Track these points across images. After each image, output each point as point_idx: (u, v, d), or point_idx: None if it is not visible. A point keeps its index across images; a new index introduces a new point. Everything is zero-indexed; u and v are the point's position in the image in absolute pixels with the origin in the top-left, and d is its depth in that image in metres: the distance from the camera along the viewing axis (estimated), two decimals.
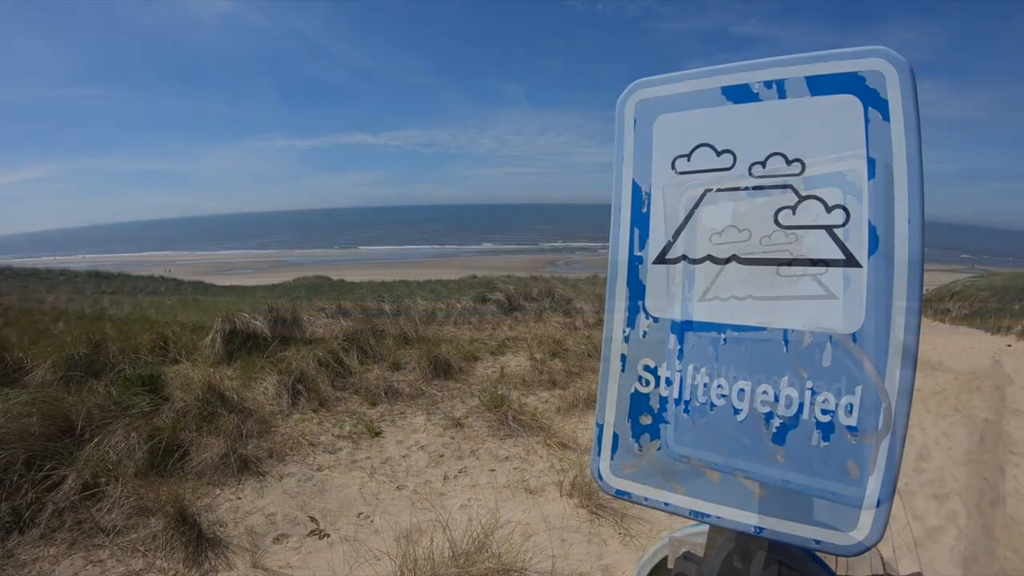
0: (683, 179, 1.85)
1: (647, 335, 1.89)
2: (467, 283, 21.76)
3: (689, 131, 1.85)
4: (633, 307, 1.92)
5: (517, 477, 5.48)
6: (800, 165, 1.67)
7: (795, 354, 1.65)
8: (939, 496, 5.98)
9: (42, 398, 5.36)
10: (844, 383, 1.58)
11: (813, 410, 1.62)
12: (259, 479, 5.21)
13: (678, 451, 1.84)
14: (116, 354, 7.22)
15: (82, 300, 29.06)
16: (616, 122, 1.98)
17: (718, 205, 1.79)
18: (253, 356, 7.84)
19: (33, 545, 4.15)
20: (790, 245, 1.68)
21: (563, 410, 7.27)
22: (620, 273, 1.95)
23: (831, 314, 1.62)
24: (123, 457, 4.99)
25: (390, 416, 6.85)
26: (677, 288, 1.85)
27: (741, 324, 1.74)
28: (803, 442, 1.64)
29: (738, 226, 1.76)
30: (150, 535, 4.19)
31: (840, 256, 1.61)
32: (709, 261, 1.80)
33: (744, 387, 1.72)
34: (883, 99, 1.58)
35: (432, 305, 12.11)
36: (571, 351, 10.15)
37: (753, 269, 1.74)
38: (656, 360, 1.87)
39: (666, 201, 1.88)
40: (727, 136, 1.79)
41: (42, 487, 4.54)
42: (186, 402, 5.93)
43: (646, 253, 1.90)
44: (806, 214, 1.66)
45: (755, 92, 1.75)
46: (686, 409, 1.81)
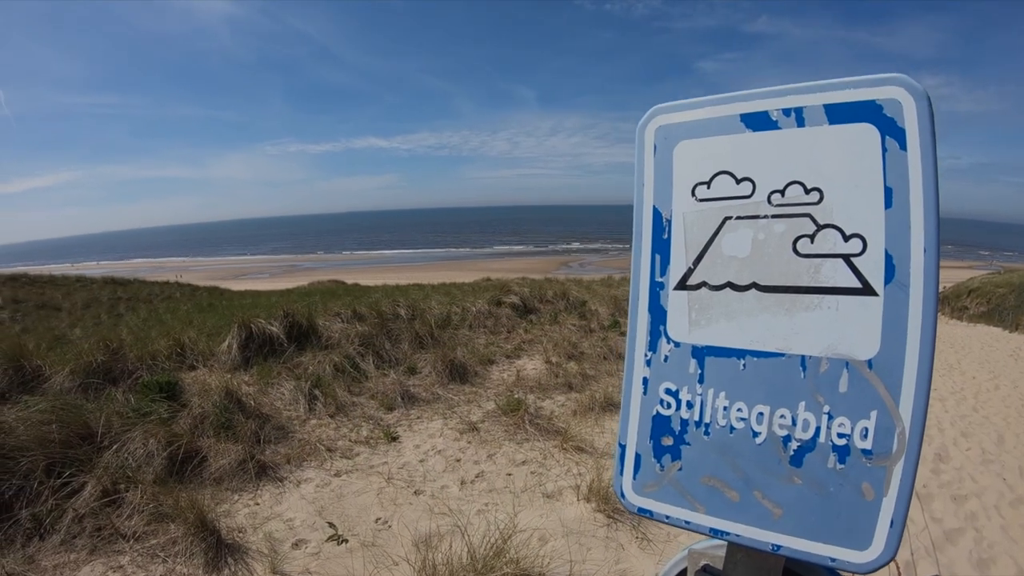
0: (703, 206, 1.89)
1: (668, 359, 1.94)
2: (481, 286, 21.77)
3: (709, 158, 1.89)
4: (654, 331, 1.98)
5: (534, 481, 5.47)
6: (818, 194, 1.71)
7: (812, 380, 1.69)
8: (957, 498, 5.95)
9: (61, 405, 5.39)
10: (860, 408, 1.62)
11: (830, 434, 1.66)
12: (277, 485, 5.23)
13: (699, 472, 1.89)
14: (134, 361, 7.26)
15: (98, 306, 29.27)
16: (636, 147, 2.02)
17: (738, 233, 1.83)
18: (269, 362, 7.88)
19: (54, 551, 4.17)
20: (808, 273, 1.72)
21: (579, 413, 7.26)
22: (641, 298, 2.01)
23: (848, 341, 1.65)
24: (142, 464, 5.03)
25: (406, 421, 6.86)
26: (698, 314, 1.90)
27: (760, 350, 1.78)
28: (820, 464, 1.68)
29: (758, 254, 1.80)
30: (170, 541, 4.21)
31: (857, 285, 1.65)
32: (729, 288, 1.85)
33: (763, 411, 1.76)
34: (900, 128, 1.60)
35: (447, 309, 12.11)
36: (587, 354, 10.16)
37: (772, 296, 1.78)
38: (677, 384, 1.91)
39: (687, 228, 1.93)
40: (746, 164, 1.82)
41: (62, 494, 4.56)
42: (204, 408, 5.95)
43: (667, 279, 1.96)
44: (824, 243, 1.69)
45: (774, 120, 1.78)
46: (706, 431, 1.86)
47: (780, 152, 1.77)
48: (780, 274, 1.76)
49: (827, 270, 1.68)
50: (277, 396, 6.92)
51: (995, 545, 5.11)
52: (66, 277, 40.96)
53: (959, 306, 28.58)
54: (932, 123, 1.57)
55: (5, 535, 4.24)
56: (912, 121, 1.59)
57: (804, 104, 1.73)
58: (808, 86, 1.73)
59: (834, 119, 1.68)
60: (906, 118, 1.60)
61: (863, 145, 1.64)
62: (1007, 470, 6.82)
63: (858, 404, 1.62)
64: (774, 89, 1.78)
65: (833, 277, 1.68)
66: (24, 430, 4.96)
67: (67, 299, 31.51)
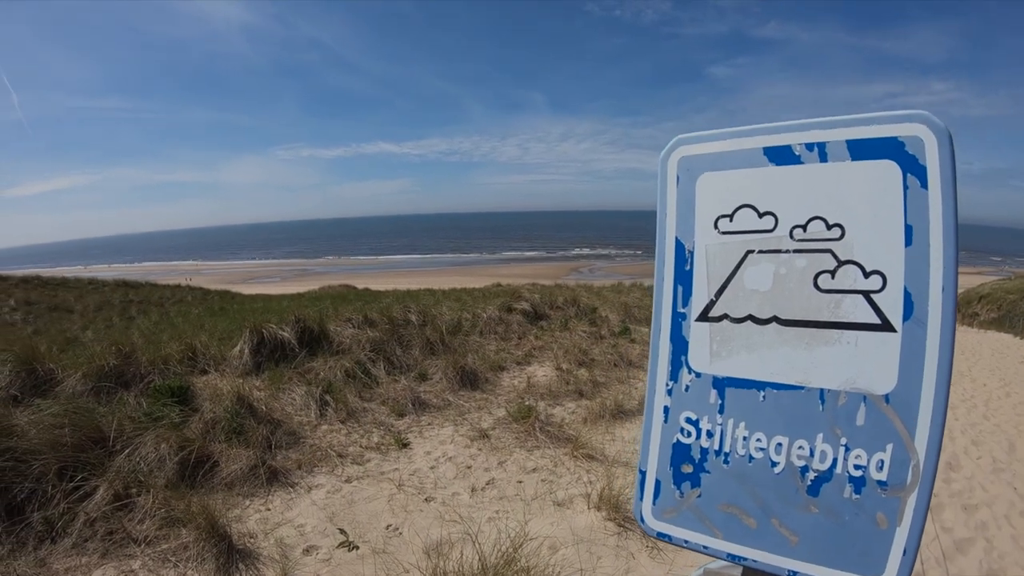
0: (726, 239, 1.95)
1: (689, 389, 2.01)
2: (492, 291, 21.78)
3: (732, 191, 1.94)
4: (676, 361, 2.04)
5: (545, 489, 5.47)
6: (840, 230, 1.75)
7: (831, 412, 1.75)
8: (968, 507, 5.92)
9: (73, 409, 5.40)
10: (876, 441, 1.69)
11: (846, 465, 1.73)
12: (288, 490, 5.24)
13: (717, 499, 1.96)
14: (146, 365, 7.28)
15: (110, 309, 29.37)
16: (659, 177, 2.08)
17: (760, 267, 1.89)
18: (281, 367, 7.88)
19: (65, 554, 4.18)
20: (829, 308, 1.77)
21: (590, 421, 7.26)
22: (664, 328, 2.07)
23: (866, 376, 1.70)
24: (153, 468, 5.03)
25: (417, 427, 6.87)
26: (719, 345, 1.96)
27: (780, 382, 1.84)
28: (836, 494, 1.75)
29: (779, 288, 1.86)
30: (181, 546, 4.22)
31: (876, 321, 1.70)
32: (751, 321, 1.91)
33: (781, 441, 1.84)
34: (921, 165, 1.64)
35: (458, 314, 12.11)
36: (597, 361, 10.16)
37: (793, 330, 1.83)
38: (698, 413, 1.99)
39: (709, 260, 1.98)
40: (769, 198, 1.87)
41: (74, 497, 4.57)
42: (215, 413, 5.96)
43: (689, 310, 2.02)
44: (845, 279, 1.74)
45: (797, 154, 1.82)
46: (726, 460, 1.94)
47: (803, 187, 1.81)
48: (801, 308, 1.82)
49: (847, 306, 1.74)
50: (288, 401, 6.92)
51: (1006, 555, 5.08)
52: (78, 279, 41.09)
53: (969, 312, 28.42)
54: (953, 161, 1.61)
55: (17, 538, 4.25)
56: (934, 159, 1.63)
57: (827, 139, 1.76)
58: (831, 121, 1.76)
59: (856, 155, 1.72)
60: (927, 156, 1.63)
61: (885, 182, 1.68)
62: (1018, 479, 6.78)
63: (875, 437, 1.69)
64: (797, 123, 1.82)
65: (853, 313, 1.73)
66: (36, 433, 4.97)
67: (79, 301, 31.62)
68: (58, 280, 39.50)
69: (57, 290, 35.49)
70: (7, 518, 4.37)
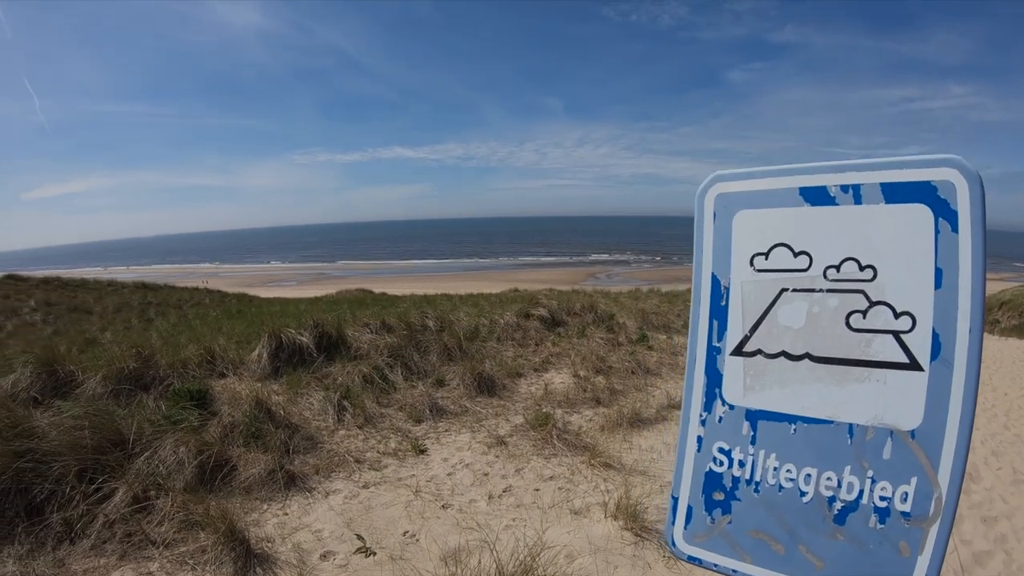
0: (761, 277, 2.03)
1: (723, 420, 2.10)
2: (509, 297, 21.76)
3: (767, 230, 2.02)
4: (710, 394, 2.12)
5: (561, 497, 5.45)
6: (872, 271, 1.83)
7: (858, 446, 1.84)
8: (988, 519, 5.86)
9: (93, 411, 5.43)
10: (901, 474, 1.77)
11: (872, 496, 1.81)
12: (306, 495, 5.24)
13: (747, 525, 2.06)
14: (165, 368, 7.31)
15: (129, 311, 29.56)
16: (696, 213, 2.16)
17: (794, 305, 1.97)
18: (299, 371, 7.90)
19: (84, 556, 4.21)
20: (859, 347, 1.85)
21: (607, 429, 7.22)
22: (699, 361, 2.15)
23: (893, 412, 1.79)
24: (172, 471, 5.06)
25: (435, 433, 6.87)
26: (753, 379, 2.04)
27: (811, 416, 1.92)
28: (861, 523, 1.83)
29: (812, 326, 1.94)
30: (199, 549, 4.23)
31: (905, 360, 1.77)
32: (784, 357, 1.98)
33: (811, 473, 1.92)
34: (953, 210, 1.71)
35: (475, 320, 12.09)
36: (615, 368, 10.12)
37: (824, 367, 1.91)
38: (730, 443, 2.08)
39: (744, 296, 2.07)
40: (804, 238, 1.95)
41: (93, 499, 4.60)
42: (234, 417, 5.99)
43: (724, 344, 2.10)
44: (876, 319, 1.82)
45: (832, 195, 1.89)
46: (756, 489, 2.02)
47: (837, 228, 1.88)
48: (832, 346, 1.89)
49: (877, 345, 1.81)
50: (306, 406, 6.94)
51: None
52: (98, 281, 41.36)
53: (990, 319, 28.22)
54: (983, 206, 1.68)
55: (36, 538, 4.29)
56: (964, 204, 1.70)
57: (862, 181, 1.83)
58: (866, 163, 1.83)
59: (890, 198, 1.79)
60: (959, 200, 1.70)
61: (917, 226, 1.75)
62: None
63: (900, 470, 1.77)
64: (833, 164, 1.89)
65: (883, 352, 1.81)
66: (57, 435, 5.01)
67: (98, 303, 31.84)
68: (78, 281, 39.79)
69: (77, 291, 35.76)
70: (27, 518, 4.41)
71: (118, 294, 36.48)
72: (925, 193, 1.74)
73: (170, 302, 33.88)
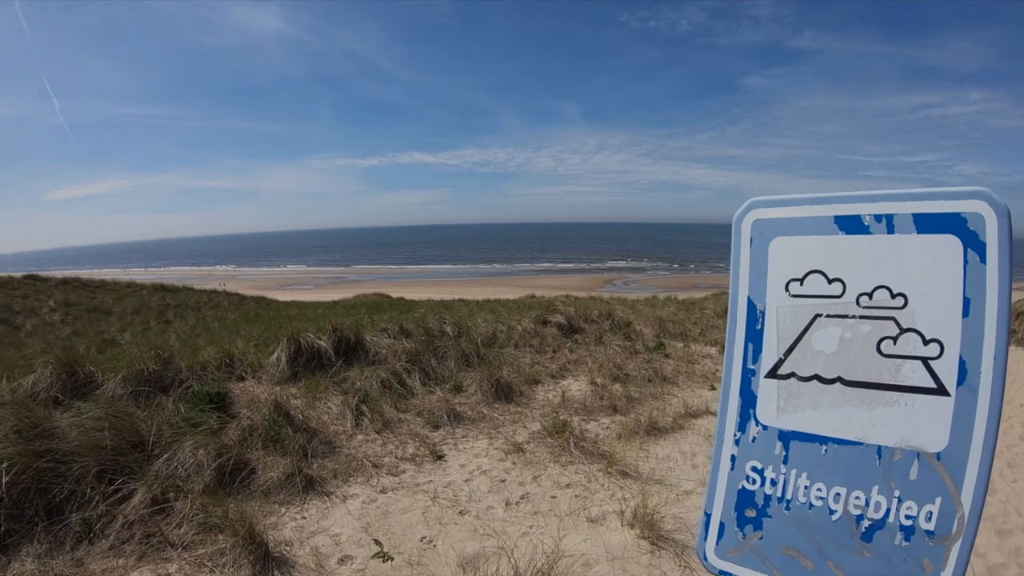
0: (796, 302, 2.12)
1: (756, 440, 2.18)
2: (526, 303, 21.78)
3: (802, 256, 2.10)
4: (744, 414, 2.21)
5: (578, 505, 5.43)
6: (903, 299, 1.91)
7: (886, 467, 1.92)
8: (1002, 531, 5.80)
9: (113, 412, 5.46)
10: (926, 494, 1.85)
11: (898, 515, 1.90)
12: (324, 499, 5.25)
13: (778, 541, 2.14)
14: (184, 370, 7.35)
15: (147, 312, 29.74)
16: (732, 238, 2.26)
17: (827, 330, 2.04)
18: (317, 376, 7.93)
19: (102, 556, 4.23)
20: (889, 372, 1.93)
21: (624, 437, 7.20)
22: (733, 382, 2.24)
23: (920, 435, 1.87)
24: (191, 473, 5.08)
25: (452, 439, 6.86)
26: (786, 401, 2.12)
27: (841, 438, 2.01)
28: (887, 541, 1.91)
29: (844, 351, 2.01)
30: (218, 551, 4.24)
31: (932, 385, 1.85)
32: (816, 380, 2.06)
33: (840, 492, 2.00)
34: (981, 242, 1.79)
35: (493, 327, 12.10)
36: (632, 376, 10.10)
37: (855, 391, 1.98)
38: (763, 463, 2.16)
39: (779, 321, 2.15)
40: (838, 265, 2.03)
41: (112, 500, 4.63)
42: (252, 420, 6.01)
43: (759, 367, 2.18)
44: (905, 345, 1.90)
45: (866, 224, 1.97)
46: (787, 507, 2.10)
47: (870, 256, 1.97)
48: (864, 371, 1.97)
49: (906, 370, 1.89)
50: (324, 410, 6.96)
51: None
52: (116, 282, 41.63)
53: None
54: (1011, 238, 1.76)
55: (55, 537, 4.32)
56: (992, 235, 1.78)
57: (895, 212, 1.92)
58: (899, 194, 1.92)
59: (922, 229, 1.87)
60: (987, 232, 1.78)
61: (947, 256, 1.83)
62: None
63: (925, 490, 1.85)
64: (867, 194, 1.98)
65: (911, 377, 1.89)
66: (77, 435, 5.05)
67: (117, 304, 32.05)
68: (96, 282, 40.03)
69: (96, 292, 35.99)
70: (46, 517, 4.45)
71: (137, 295, 36.72)
72: (955, 224, 1.81)
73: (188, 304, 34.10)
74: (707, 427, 7.54)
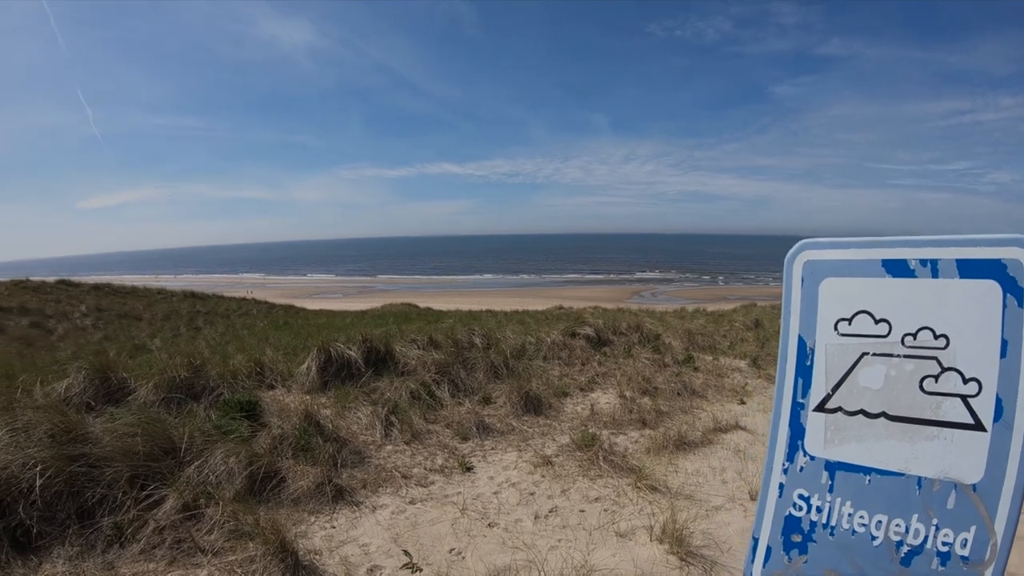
0: (844, 341, 2.24)
1: (804, 470, 2.31)
2: (554, 315, 21.75)
3: (851, 297, 2.24)
4: (793, 445, 2.35)
5: (607, 519, 5.40)
6: (945, 340, 2.02)
7: (926, 497, 2.04)
8: None
9: (146, 419, 5.51)
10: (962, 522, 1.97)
11: (936, 541, 2.02)
12: (353, 509, 5.27)
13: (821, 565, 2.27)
14: (215, 378, 7.41)
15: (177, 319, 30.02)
16: (784, 277, 2.38)
17: (873, 368, 2.17)
18: (347, 385, 7.96)
19: (133, 560, 4.28)
20: (931, 408, 2.05)
21: (653, 451, 7.16)
22: (784, 414, 2.36)
23: (958, 467, 1.99)
24: (222, 481, 5.11)
25: (481, 451, 6.86)
26: (833, 434, 2.26)
27: (884, 469, 2.14)
28: (924, 566, 2.04)
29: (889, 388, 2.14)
30: (248, 558, 4.26)
31: (970, 421, 1.98)
32: (862, 415, 2.19)
33: (881, 519, 2.13)
34: (1020, 287, 1.91)
35: (522, 338, 12.08)
36: (661, 389, 10.03)
37: (898, 425, 2.11)
38: (810, 491, 2.29)
39: (828, 358, 2.27)
40: (885, 306, 2.16)
41: (144, 505, 4.67)
42: (283, 429, 6.04)
43: (808, 401, 2.31)
44: (946, 383, 2.02)
45: (911, 268, 2.10)
46: (831, 532, 2.23)
47: (915, 299, 2.10)
48: (907, 407, 2.10)
49: (947, 407, 2.02)
50: (354, 420, 6.98)
51: None
52: (147, 289, 42.09)
53: None
54: None
55: (87, 540, 4.39)
56: None
57: (939, 257, 2.05)
58: (943, 240, 2.05)
59: (964, 274, 2.00)
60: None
61: (986, 300, 1.96)
62: None
63: (961, 519, 1.97)
64: (913, 239, 2.12)
65: (951, 413, 2.01)
66: (110, 441, 5.10)
67: (148, 310, 32.38)
68: (128, 288, 40.50)
69: (127, 298, 36.42)
70: (78, 520, 4.51)
71: (167, 302, 37.12)
72: (995, 270, 1.94)
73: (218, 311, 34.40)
74: (736, 442, 7.48)
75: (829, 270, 2.28)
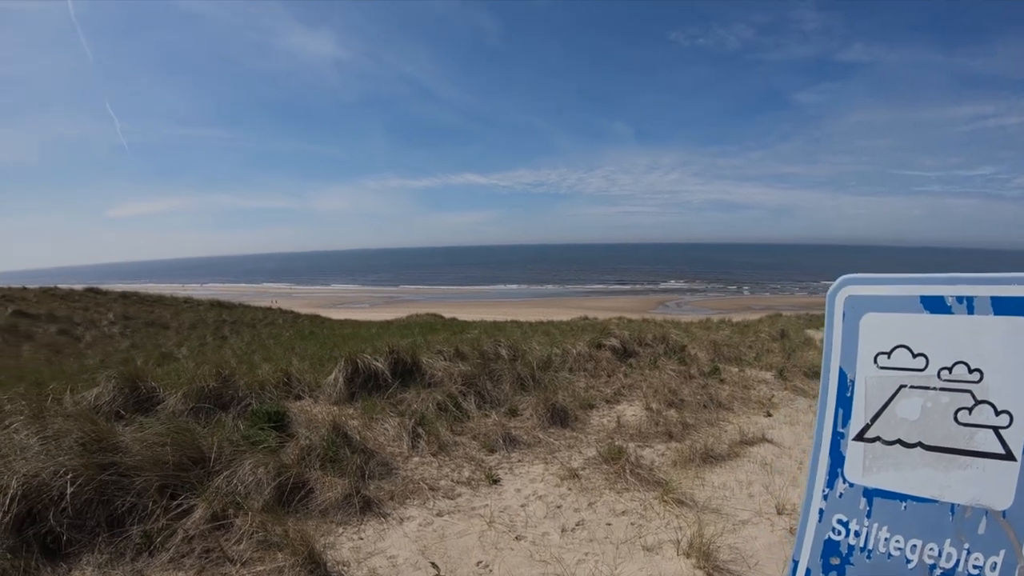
0: (883, 373, 2.33)
1: (843, 496, 2.40)
2: (579, 325, 21.73)
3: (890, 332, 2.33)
4: (833, 472, 2.43)
5: (634, 533, 5.38)
6: (979, 374, 2.11)
7: (958, 523, 2.12)
8: None
9: (175, 429, 5.56)
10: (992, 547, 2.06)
11: (967, 565, 2.10)
12: (380, 521, 5.27)
13: None
14: (243, 388, 7.45)
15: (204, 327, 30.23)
16: (827, 312, 2.49)
17: (910, 400, 2.26)
18: (374, 397, 7.99)
19: (162, 568, 4.32)
20: (964, 439, 2.13)
21: (679, 464, 7.12)
22: (824, 443, 2.46)
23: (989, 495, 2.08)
24: (251, 491, 5.13)
25: (507, 463, 6.85)
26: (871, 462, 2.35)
27: (919, 496, 2.22)
28: None
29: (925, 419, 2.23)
30: (276, 569, 4.28)
31: (1001, 451, 2.07)
32: (899, 444, 2.28)
33: (916, 543, 2.21)
34: None
35: (548, 350, 12.07)
36: (687, 402, 9.98)
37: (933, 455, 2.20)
38: (848, 516, 2.38)
39: (867, 390, 2.37)
40: (922, 341, 2.25)
41: (173, 514, 4.71)
42: (311, 440, 6.06)
43: (847, 430, 2.41)
44: (979, 415, 2.11)
45: (948, 305, 2.19)
46: (868, 556, 2.31)
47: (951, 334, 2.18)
48: (942, 437, 2.18)
49: (979, 438, 2.10)
50: (381, 432, 6.99)
51: None
52: (174, 297, 42.50)
53: None
54: None
55: (116, 548, 4.43)
56: None
57: (975, 294, 2.14)
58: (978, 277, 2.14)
59: (998, 311, 2.09)
60: None
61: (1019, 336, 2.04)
62: None
63: (991, 544, 2.06)
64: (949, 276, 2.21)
65: (983, 444, 2.10)
66: (140, 450, 5.15)
67: (175, 319, 32.69)
68: (155, 297, 40.93)
69: (154, 306, 36.78)
70: (108, 528, 4.56)
71: (194, 310, 37.48)
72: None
73: (244, 320, 34.66)
74: (763, 455, 7.43)
75: (870, 305, 2.38)
